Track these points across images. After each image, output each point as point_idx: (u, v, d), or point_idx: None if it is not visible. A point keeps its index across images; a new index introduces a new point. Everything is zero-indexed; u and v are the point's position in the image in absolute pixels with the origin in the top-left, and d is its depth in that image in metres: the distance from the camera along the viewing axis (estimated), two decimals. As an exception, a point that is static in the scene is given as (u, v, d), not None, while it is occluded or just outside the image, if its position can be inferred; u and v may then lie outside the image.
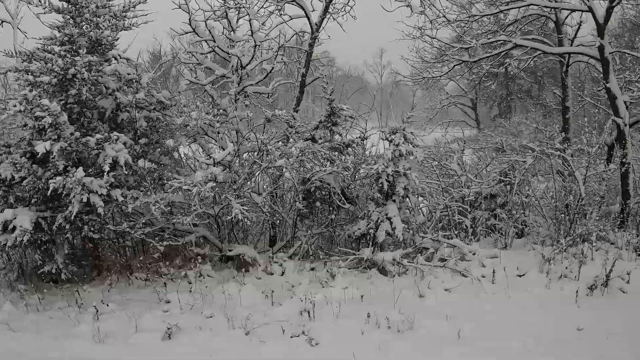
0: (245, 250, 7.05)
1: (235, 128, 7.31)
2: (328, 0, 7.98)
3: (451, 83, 21.24)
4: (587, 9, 8.22)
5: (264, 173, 7.73)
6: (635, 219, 8.66)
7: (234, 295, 6.39)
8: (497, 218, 8.27)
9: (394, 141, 6.99)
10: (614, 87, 8.28)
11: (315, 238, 7.64)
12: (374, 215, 7.14)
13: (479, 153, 9.57)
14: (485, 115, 21.83)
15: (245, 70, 7.28)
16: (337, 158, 7.28)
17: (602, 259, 7.37)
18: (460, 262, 7.19)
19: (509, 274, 6.98)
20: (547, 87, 14.52)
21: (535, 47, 8.76)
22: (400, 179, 7.06)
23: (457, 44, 8.48)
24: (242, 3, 7.03)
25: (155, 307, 6.29)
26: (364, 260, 7.00)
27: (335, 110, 7.48)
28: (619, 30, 16.65)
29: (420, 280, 6.63)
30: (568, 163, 7.82)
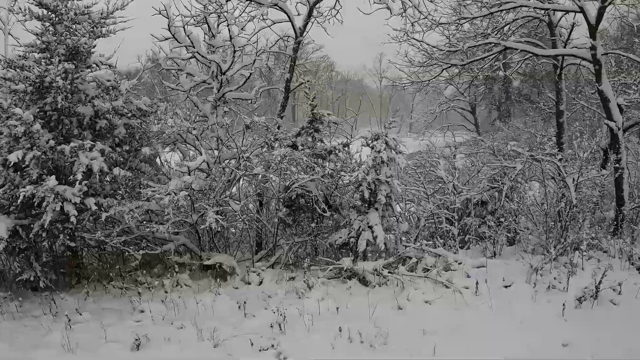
0: (223, 259, 6.74)
1: (215, 135, 7.01)
2: (312, 5, 7.64)
3: (450, 87, 20.78)
4: (579, 9, 7.77)
5: (247, 180, 7.41)
6: (630, 225, 8.16)
7: (208, 306, 6.11)
8: (487, 225, 7.85)
9: (375, 148, 6.64)
10: (606, 89, 7.81)
11: (298, 246, 7.31)
12: (356, 224, 6.79)
13: (471, 158, 9.14)
14: (485, 119, 21.25)
15: (225, 76, 6.97)
16: (320, 165, 6.93)
17: (593, 269, 6.89)
18: (444, 272, 6.80)
19: (494, 284, 6.57)
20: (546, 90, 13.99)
21: (525, 50, 8.32)
22: (382, 187, 6.70)
23: (444, 47, 8.08)
24: (219, 8, 6.72)
25: (128, 316, 6.08)
26: (344, 270, 6.64)
27: (317, 116, 7.14)
28: (618, 33, 16.04)
29: (400, 291, 6.26)
30: (559, 169, 7.36)
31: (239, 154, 6.66)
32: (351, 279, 6.65)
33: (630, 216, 8.24)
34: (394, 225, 7.06)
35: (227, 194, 6.73)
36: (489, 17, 9.46)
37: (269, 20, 7.58)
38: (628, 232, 8.21)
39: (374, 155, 6.62)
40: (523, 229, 8.03)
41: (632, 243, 8.12)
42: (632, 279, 6.85)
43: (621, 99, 8.72)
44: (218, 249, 7.15)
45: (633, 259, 7.27)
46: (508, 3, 8.25)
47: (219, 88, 7.05)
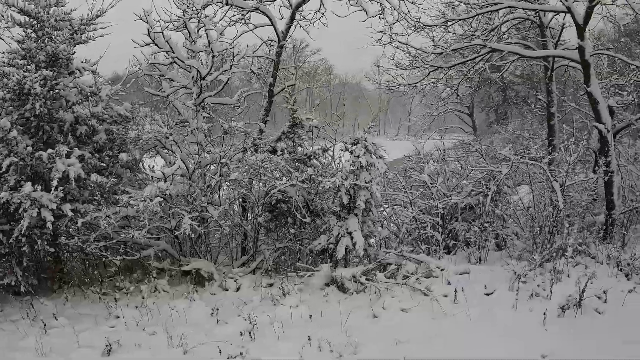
0: (201, 265, 6.57)
1: (195, 140, 6.84)
2: (294, 9, 7.44)
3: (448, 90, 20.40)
4: (566, 9, 7.45)
5: (229, 186, 7.22)
6: (621, 230, 7.80)
7: (182, 312, 5.97)
8: (472, 231, 7.56)
9: (355, 152, 6.40)
10: (595, 91, 7.48)
11: (280, 252, 7.09)
12: (335, 230, 6.57)
13: (460, 162, 8.83)
14: (483, 121, 20.81)
15: (204, 81, 6.80)
16: (300, 170, 6.72)
17: (579, 276, 6.57)
18: (425, 279, 6.53)
19: (475, 292, 6.29)
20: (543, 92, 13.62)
21: (512, 51, 8.01)
22: (362, 192, 6.47)
23: (429, 49, 7.82)
24: (197, 13, 6.55)
25: (104, 322, 6.02)
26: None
27: (297, 121, 6.93)
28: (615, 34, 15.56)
29: (377, 299, 6.01)
30: (545, 172, 7.04)
31: (218, 159, 6.47)
32: (329, 285, 6.42)
33: (622, 220, 7.87)
34: (375, 231, 6.81)
35: (206, 200, 6.54)
36: (478, 19, 9.16)
37: (250, 24, 7.40)
38: (619, 237, 7.85)
39: (352, 160, 6.39)
40: (510, 234, 7.71)
41: (622, 248, 7.76)
42: (619, 286, 6.51)
43: (612, 101, 8.35)
44: (199, 254, 6.97)
45: (621, 265, 6.92)
46: (495, 4, 7.96)
47: (199, 93, 6.88)
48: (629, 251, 7.30)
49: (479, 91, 19.53)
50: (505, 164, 7.26)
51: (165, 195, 6.12)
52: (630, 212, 7.86)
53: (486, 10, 8.10)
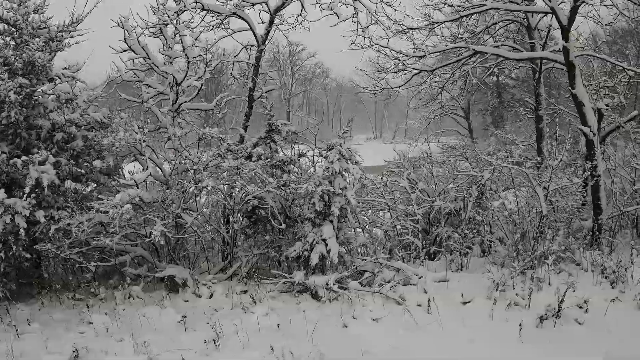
0: (175, 271, 6.37)
1: (173, 146, 6.65)
2: (272, 13, 7.21)
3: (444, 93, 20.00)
4: (550, 9, 7.10)
5: (209, 192, 7.02)
6: (607, 236, 7.42)
7: (152, 319, 5.79)
8: (458, 237, 7.24)
9: (329, 158, 6.15)
10: (580, 93, 7.13)
11: (257, 259, 6.88)
12: (310, 237, 6.32)
13: (447, 166, 8.53)
14: (480, 125, 20.26)
15: (180, 87, 6.61)
16: (276, 176, 6.49)
17: (561, 284, 6.23)
18: (401, 287, 6.26)
19: (452, 301, 6.01)
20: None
21: (495, 54, 7.68)
22: (336, 199, 6.21)
23: (409, 52, 7.52)
24: (172, 19, 6.37)
25: (75, 328, 5.91)
26: (296, 284, 6.16)
27: (273, 126, 6.70)
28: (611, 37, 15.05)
29: (348, 307, 5.74)
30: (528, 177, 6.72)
31: (190, 166, 6.28)
32: (303, 293, 6.18)
33: (610, 225, 7.49)
34: (352, 238, 6.55)
35: (178, 206, 6.35)
36: (466, 22, 8.84)
37: (229, 29, 7.19)
38: (607, 243, 7.47)
39: (326, 166, 6.14)
40: (494, 240, 7.38)
41: (610, 254, 7.39)
42: (603, 295, 6.17)
43: (602, 103, 7.97)
44: (176, 261, 6.78)
45: (606, 272, 6.56)
46: (480, 6, 7.64)
47: (175, 99, 6.69)
48: (616, 257, 6.93)
49: (473, 94, 19.11)
50: (488, 168, 6.94)
51: (136, 201, 5.93)
52: (618, 217, 7.47)
53: (470, 12, 7.80)
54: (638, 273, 6.68)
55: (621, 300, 6.10)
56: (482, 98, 18.72)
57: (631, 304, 6.04)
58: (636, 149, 7.94)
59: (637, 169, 7.73)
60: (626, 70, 7.75)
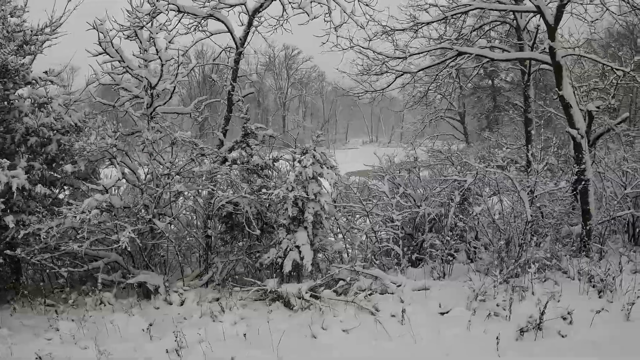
0: (148, 277, 6.10)
1: (147, 150, 6.39)
2: (251, 15, 6.92)
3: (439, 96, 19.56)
4: (535, 9, 6.73)
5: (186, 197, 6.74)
6: (595, 243, 6.99)
7: (120, 326, 5.51)
8: (433, 244, 6.87)
9: (302, 162, 5.83)
10: (568, 94, 6.73)
11: (233, 265, 6.58)
12: (284, 243, 6.01)
13: (434, 170, 8.16)
14: (476, 128, 19.70)
15: (155, 90, 6.35)
16: (250, 181, 6.19)
17: (545, 293, 5.84)
18: (377, 296, 5.92)
19: (429, 311, 5.65)
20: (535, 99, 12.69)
21: (480, 55, 7.30)
22: (310, 204, 5.89)
23: (390, 54, 7.18)
24: (143, 22, 6.11)
25: (43, 334, 5.69)
26: (269, 292, 5.85)
27: (248, 130, 6.41)
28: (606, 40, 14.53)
29: (319, 317, 5.41)
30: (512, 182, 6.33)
31: (167, 171, 6.00)
32: (276, 301, 5.86)
33: (600, 231, 7.07)
34: (327, 244, 6.22)
35: (151, 212, 6.08)
36: (454, 23, 8.48)
37: (207, 31, 6.91)
38: (597, 249, 7.05)
39: (299, 171, 5.82)
40: (479, 246, 7.00)
41: (599, 261, 6.96)
42: (589, 305, 5.75)
43: (592, 105, 7.56)
44: (150, 267, 6.50)
45: (594, 280, 6.14)
46: (465, 6, 7.29)
47: (150, 102, 6.43)
48: (605, 265, 6.50)
49: (466, 98, 18.68)
50: (470, 173, 6.57)
51: (103, 207, 5.68)
52: (608, 222, 7.04)
53: (456, 13, 7.45)
54: (627, 281, 6.26)
55: (608, 310, 5.69)
56: (477, 102, 18.20)
57: (619, 315, 5.62)
58: (627, 151, 7.51)
59: (628, 173, 7.30)
60: (615, 70, 7.34)
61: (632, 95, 15.72)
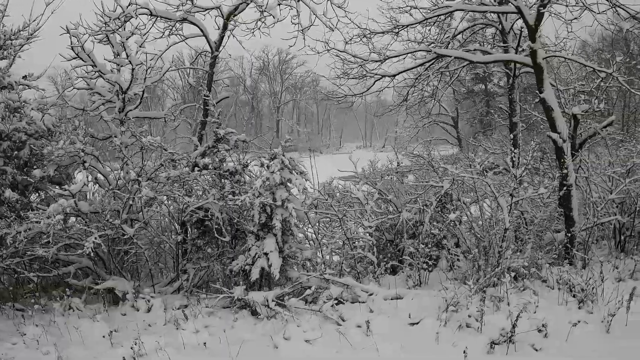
0: (116, 283, 5.88)
1: (120, 155, 6.18)
2: (225, 18, 6.69)
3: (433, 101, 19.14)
4: (515, 9, 6.39)
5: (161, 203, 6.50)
6: (583, 248, 6.61)
7: (84, 332, 5.31)
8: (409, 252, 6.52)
9: (270, 168, 5.56)
10: (549, 97, 6.37)
11: (205, 272, 6.32)
12: (253, 250, 5.75)
13: (416, 175, 7.82)
14: (469, 133, 19.16)
15: (127, 94, 6.14)
16: (219, 187, 5.95)
17: (521, 304, 5.49)
18: (347, 305, 5.61)
19: (399, 321, 5.32)
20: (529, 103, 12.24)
21: (460, 57, 6.96)
22: (278, 211, 5.62)
23: (366, 57, 6.89)
24: (115, 27, 5.91)
25: (8, 339, 5.53)
26: (237, 300, 5.58)
27: (219, 135, 6.16)
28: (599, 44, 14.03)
29: (283, 326, 5.12)
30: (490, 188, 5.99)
31: (131, 176, 5.78)
32: (243, 309, 5.59)
33: (584, 237, 6.68)
34: (298, 252, 5.93)
35: (121, 217, 5.86)
36: (438, 26, 8.16)
37: (182, 35, 6.70)
38: (580, 256, 6.66)
39: (266, 176, 5.55)
40: (459, 254, 6.65)
41: (583, 268, 6.57)
42: (568, 316, 5.39)
43: (577, 109, 7.17)
44: (121, 272, 6.28)
45: (575, 290, 5.76)
46: (444, 7, 6.98)
47: (122, 107, 6.22)
48: (588, 273, 6.10)
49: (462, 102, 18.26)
50: (447, 178, 6.24)
51: (71, 212, 5.47)
52: (592, 228, 6.64)
53: (436, 15, 7.14)
54: (611, 291, 5.86)
55: (587, 322, 5.32)
56: (471, 106, 17.72)
57: (599, 327, 5.25)
58: (613, 156, 7.11)
59: (614, 178, 6.90)
60: (598, 72, 6.95)
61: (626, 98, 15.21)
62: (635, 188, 6.69)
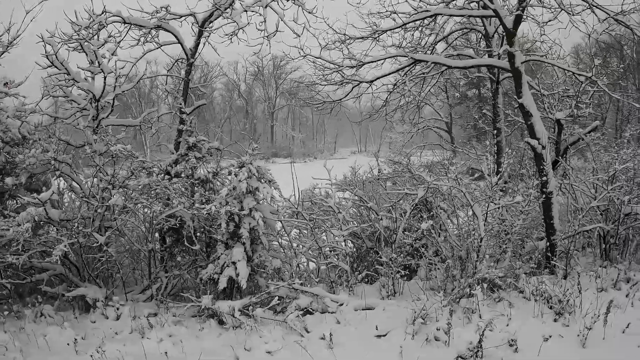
0: (87, 291, 5.77)
1: (93, 163, 6.07)
2: (200, 25, 6.55)
3: (427, 106, 18.76)
4: (493, 13, 6.14)
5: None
6: (565, 257, 6.31)
7: (51, 340, 5.19)
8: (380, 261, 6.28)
9: (238, 176, 5.40)
10: (528, 102, 6.10)
11: (177, 280, 6.19)
12: (222, 259, 5.58)
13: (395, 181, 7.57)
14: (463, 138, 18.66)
15: (100, 102, 6.03)
16: (186, 195, 5.80)
17: (495, 315, 5.23)
18: (317, 315, 5.42)
19: (365, 333, 5.11)
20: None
21: (437, 62, 6.72)
22: (246, 220, 5.45)
23: (342, 63, 6.69)
24: (88, 35, 5.81)
25: None
26: (205, 309, 5.42)
27: (189, 143, 6.02)
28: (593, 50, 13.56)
29: (246, 337, 4.95)
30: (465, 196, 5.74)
31: (105, 184, 5.67)
32: (211, 319, 5.43)
33: (566, 246, 6.38)
34: (267, 261, 5.75)
35: (93, 224, 5.75)
36: (420, 31, 7.91)
37: (156, 42, 6.57)
38: (562, 265, 6.36)
39: (233, 185, 5.39)
40: (435, 263, 6.40)
41: (564, 278, 6.28)
42: (542, 329, 5.13)
43: (561, 114, 6.88)
44: (95, 280, 6.17)
45: (551, 302, 5.48)
46: (423, 12, 6.74)
47: (95, 115, 6.12)
48: (565, 284, 5.82)
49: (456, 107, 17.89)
50: (422, 186, 6.01)
51: (42, 219, 5.38)
52: (574, 237, 6.34)
53: (415, 19, 6.90)
54: (590, 302, 5.57)
55: (562, 335, 5.05)
56: (464, 112, 17.27)
57: (574, 341, 4.98)
58: (597, 162, 6.79)
59: (597, 185, 6.59)
60: (577, 76, 6.65)
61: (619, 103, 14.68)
62: (618, 195, 6.37)
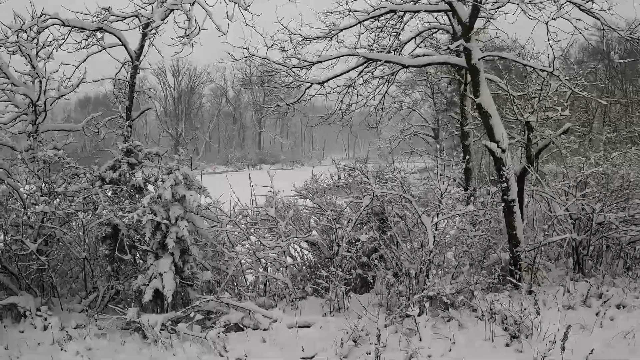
0: (19, 300, 5.40)
1: (32, 170, 5.70)
2: (143, 27, 6.13)
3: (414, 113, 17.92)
4: (447, 7, 5.48)
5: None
6: (531, 270, 5.57)
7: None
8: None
9: (164, 184, 4.91)
10: (486, 102, 5.41)
11: (115, 290, 5.74)
12: (151, 270, 5.10)
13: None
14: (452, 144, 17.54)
15: (37, 107, 5.67)
16: (118, 202, 5.35)
17: (437, 338, 4.56)
18: (248, 331, 4.87)
19: (290, 355, 4.51)
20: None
21: (390, 61, 6.09)
22: (173, 229, 4.96)
23: (289, 63, 6.13)
24: (28, 38, 5.46)
25: None
26: (130, 322, 4.94)
27: (125, 149, 5.58)
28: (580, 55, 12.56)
29: (163, 354, 4.44)
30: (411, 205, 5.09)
31: (37, 190, 5.28)
32: (137, 332, 4.94)
33: (532, 257, 5.63)
34: (198, 273, 5.22)
35: (29, 232, 5.37)
36: (387, 32, 7.29)
37: (99, 45, 6.18)
38: (528, 279, 5.61)
39: (158, 193, 4.90)
40: (388, 277, 5.73)
41: (529, 294, 5.51)
42: (491, 356, 4.41)
43: (532, 117, 6.14)
44: (32, 288, 5.78)
45: (507, 322, 4.75)
46: (377, 9, 6.14)
47: (34, 120, 5.75)
48: (529, 301, 5.06)
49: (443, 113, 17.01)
50: (367, 195, 5.39)
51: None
52: (539, 249, 5.58)
53: (369, 17, 6.31)
54: (553, 322, 4.80)
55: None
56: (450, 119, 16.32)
57: (527, 369, 4.25)
58: (567, 167, 6.01)
59: (568, 192, 5.81)
60: (538, 72, 5.90)
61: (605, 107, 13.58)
62: (589, 202, 5.58)
